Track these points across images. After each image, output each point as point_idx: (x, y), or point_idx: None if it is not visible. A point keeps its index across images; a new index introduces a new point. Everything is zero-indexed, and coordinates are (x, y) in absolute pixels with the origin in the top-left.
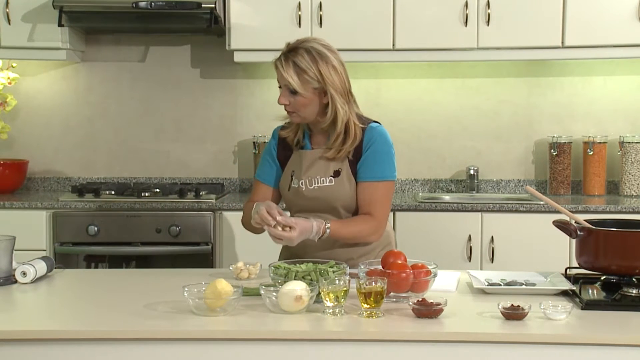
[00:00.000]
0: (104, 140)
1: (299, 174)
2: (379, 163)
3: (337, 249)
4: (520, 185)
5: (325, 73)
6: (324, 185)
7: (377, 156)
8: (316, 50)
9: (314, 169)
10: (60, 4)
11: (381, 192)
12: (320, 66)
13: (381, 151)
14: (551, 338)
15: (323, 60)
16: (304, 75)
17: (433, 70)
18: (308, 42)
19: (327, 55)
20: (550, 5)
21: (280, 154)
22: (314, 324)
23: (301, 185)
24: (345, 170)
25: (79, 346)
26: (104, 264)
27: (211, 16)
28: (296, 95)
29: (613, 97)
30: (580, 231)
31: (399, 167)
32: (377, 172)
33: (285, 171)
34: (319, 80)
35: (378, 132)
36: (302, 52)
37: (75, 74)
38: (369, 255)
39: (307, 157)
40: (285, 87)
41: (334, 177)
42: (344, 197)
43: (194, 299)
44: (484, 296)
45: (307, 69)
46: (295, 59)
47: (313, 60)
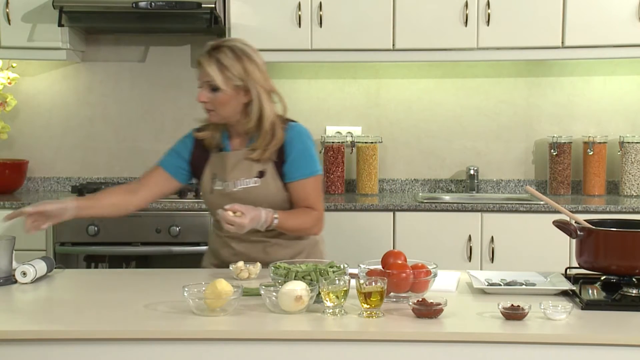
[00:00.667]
0: (104, 140)
1: (222, 176)
2: (305, 161)
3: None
4: (520, 185)
5: (249, 70)
6: (249, 186)
7: (303, 154)
8: (239, 49)
9: (238, 170)
10: (60, 4)
11: (313, 187)
12: (244, 64)
13: (305, 149)
14: (551, 338)
15: (247, 58)
16: (227, 72)
17: (433, 70)
18: (231, 41)
19: (250, 54)
20: (550, 5)
21: (195, 155)
22: (314, 324)
23: (226, 187)
24: (269, 171)
25: (79, 346)
26: (104, 264)
27: (211, 16)
28: (217, 92)
29: (613, 97)
30: (580, 231)
31: (399, 167)
32: (306, 169)
33: (204, 174)
34: (242, 77)
35: (298, 130)
36: (226, 49)
37: (75, 74)
38: (300, 255)
39: (230, 158)
40: (207, 84)
41: (258, 178)
42: (269, 197)
43: (194, 299)
44: (484, 296)
45: (230, 66)
46: (219, 55)
47: (237, 57)
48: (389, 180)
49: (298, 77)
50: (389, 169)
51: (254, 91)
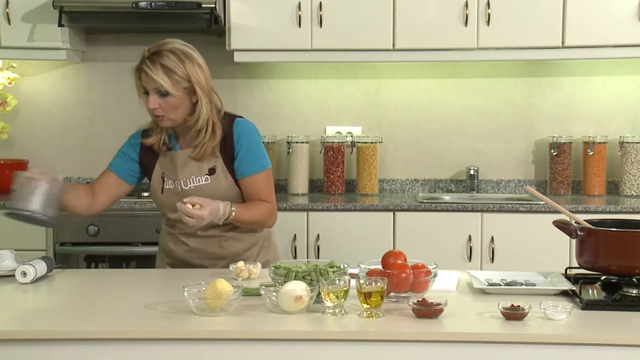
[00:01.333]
0: (104, 140)
1: (172, 175)
2: (255, 156)
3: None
4: (520, 185)
5: (191, 72)
6: (200, 184)
7: (252, 150)
8: (180, 50)
9: (188, 169)
10: (60, 4)
11: (265, 181)
12: (187, 65)
13: (254, 144)
14: (551, 338)
15: (189, 59)
16: (174, 75)
17: (433, 70)
18: (170, 44)
19: (191, 55)
20: (550, 5)
21: (143, 157)
22: (314, 324)
23: (177, 185)
24: (219, 167)
25: (79, 346)
26: (104, 264)
27: (211, 16)
28: (166, 97)
29: (613, 97)
30: (580, 231)
31: (399, 167)
32: (256, 164)
33: (154, 174)
34: (188, 79)
35: (245, 126)
36: (167, 53)
37: (76, 74)
38: (254, 248)
39: (179, 157)
40: (154, 91)
41: (209, 175)
42: (221, 193)
43: (194, 299)
44: (484, 296)
45: (175, 69)
46: (162, 60)
47: (180, 60)
48: (389, 180)
49: (298, 77)
50: (389, 169)
51: (198, 91)
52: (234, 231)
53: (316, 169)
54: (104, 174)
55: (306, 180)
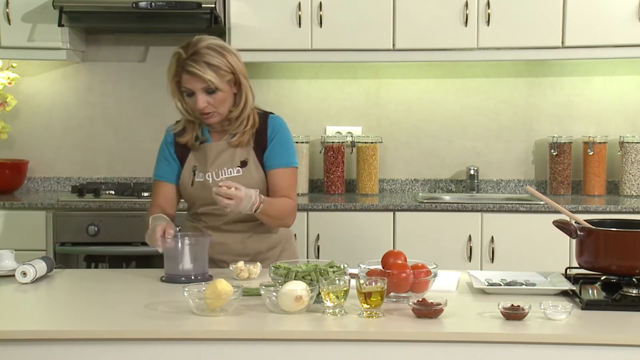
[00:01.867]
0: (104, 140)
1: (203, 168)
2: (285, 151)
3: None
4: (520, 185)
5: (233, 63)
6: (231, 176)
7: (283, 144)
8: (217, 45)
9: (220, 161)
10: (60, 4)
11: (290, 178)
12: (228, 58)
13: (285, 139)
14: (551, 338)
15: (226, 51)
16: (220, 70)
17: (433, 70)
18: (203, 41)
19: (226, 46)
20: (550, 5)
21: (178, 151)
22: (314, 324)
23: (207, 177)
24: (252, 160)
25: (79, 346)
26: (104, 264)
27: (211, 16)
28: (214, 93)
29: (613, 97)
30: (580, 231)
31: (399, 167)
32: (284, 159)
33: (185, 167)
34: (232, 71)
35: (281, 121)
36: (206, 50)
37: (76, 74)
38: (276, 249)
39: (211, 149)
40: (202, 90)
41: (241, 167)
42: (252, 186)
43: (194, 299)
44: (484, 296)
45: (219, 64)
46: (205, 58)
47: (220, 54)
48: (389, 180)
49: (298, 77)
50: (389, 169)
51: (243, 81)
52: (259, 229)
53: (316, 169)
54: (159, 187)
55: (306, 180)
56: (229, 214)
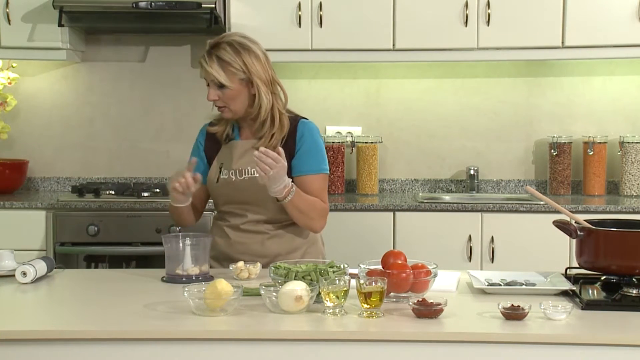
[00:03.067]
0: (104, 140)
1: (228, 165)
2: (316, 156)
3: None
4: (520, 185)
5: (248, 63)
6: (254, 175)
7: (313, 150)
8: (238, 43)
9: (244, 160)
10: (60, 4)
11: (321, 184)
12: (243, 57)
13: (316, 145)
14: (551, 338)
15: (245, 51)
16: (229, 67)
17: (433, 70)
18: (229, 37)
19: (249, 46)
20: (550, 5)
21: (207, 148)
22: (314, 324)
23: (231, 175)
24: None
25: (79, 346)
26: (104, 264)
27: (211, 16)
28: (224, 89)
29: (613, 97)
30: (580, 231)
31: (399, 167)
32: (315, 165)
33: (213, 164)
34: (244, 70)
35: (311, 126)
36: (224, 45)
37: (76, 74)
38: (296, 253)
39: (237, 147)
40: (212, 83)
41: None
42: None
43: (194, 299)
44: (484, 296)
45: (231, 61)
46: (218, 53)
47: (236, 52)
48: (389, 180)
49: (298, 77)
50: (389, 169)
51: (257, 82)
52: (279, 231)
53: None
54: None
55: None
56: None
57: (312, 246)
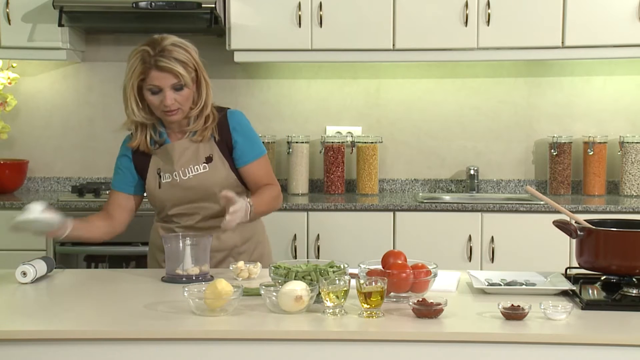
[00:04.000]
0: (104, 140)
1: (169, 168)
2: (253, 143)
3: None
4: (520, 185)
5: (196, 59)
6: (198, 172)
7: (249, 138)
8: (181, 42)
9: (185, 159)
10: (60, 4)
11: (266, 166)
12: (192, 54)
13: (250, 132)
14: (551, 338)
15: (190, 48)
16: (187, 67)
17: (433, 70)
18: (167, 39)
19: (188, 44)
20: (550, 5)
21: (137, 161)
22: (314, 324)
23: (175, 177)
24: (216, 154)
25: (79, 346)
26: (104, 264)
27: (211, 16)
28: (181, 90)
29: (613, 97)
30: (581, 231)
31: (399, 167)
32: (255, 151)
33: (149, 172)
34: (196, 68)
35: (239, 115)
36: (172, 47)
37: (76, 74)
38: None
39: (174, 148)
40: (170, 87)
41: (207, 163)
42: (220, 181)
43: (194, 299)
44: (484, 296)
45: (187, 61)
46: (173, 55)
47: (186, 50)
48: (389, 180)
49: (298, 77)
50: (389, 169)
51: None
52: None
53: (316, 169)
54: (111, 196)
55: (306, 180)
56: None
57: (262, 233)
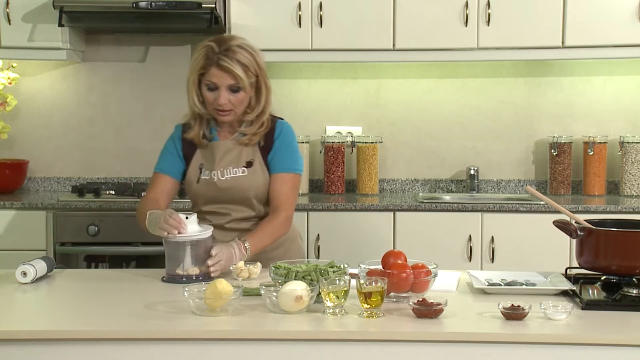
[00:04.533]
0: (104, 140)
1: (210, 166)
2: (289, 156)
3: None
4: (520, 185)
5: (260, 65)
6: (237, 175)
7: (288, 149)
8: (247, 45)
9: (226, 160)
10: (60, 4)
11: (290, 185)
12: (256, 58)
13: (291, 145)
14: (551, 338)
15: (256, 53)
16: (248, 71)
17: (433, 70)
18: (235, 40)
19: (256, 49)
20: (550, 5)
21: (185, 149)
22: (314, 324)
23: (213, 176)
24: (258, 160)
25: (79, 346)
26: (104, 264)
27: (211, 16)
28: (237, 92)
29: (613, 97)
30: (581, 231)
31: (399, 167)
32: (288, 164)
33: (191, 165)
34: (257, 73)
35: (288, 127)
36: (238, 49)
37: (76, 74)
38: (280, 249)
39: (219, 148)
40: (227, 87)
41: (246, 168)
42: (256, 187)
43: (194, 299)
44: (484, 296)
45: (249, 65)
46: (237, 56)
47: (250, 55)
48: (389, 180)
49: (298, 77)
50: (389, 169)
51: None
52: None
53: (316, 169)
54: (158, 180)
55: (306, 180)
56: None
57: (293, 241)
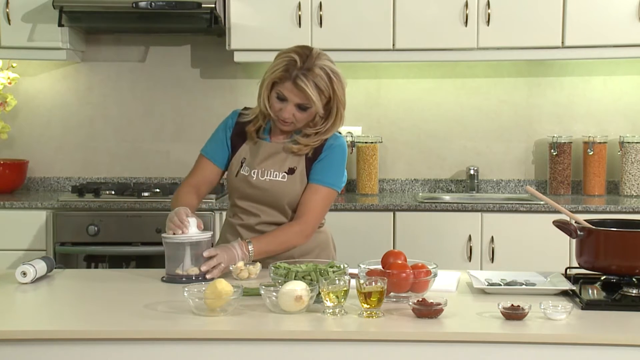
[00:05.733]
0: (104, 140)
1: (252, 163)
2: (332, 171)
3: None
4: (520, 185)
5: (337, 89)
6: (276, 179)
7: (333, 164)
8: (330, 69)
9: (270, 162)
10: (60, 4)
11: (322, 197)
12: (334, 85)
13: (337, 161)
14: (551, 338)
15: (336, 78)
16: (322, 95)
17: (433, 70)
18: (321, 59)
19: (338, 74)
20: (550, 5)
21: (234, 135)
22: (314, 324)
23: (252, 174)
24: (300, 169)
25: (79, 346)
26: (104, 264)
27: (211, 16)
28: (304, 111)
29: (613, 97)
30: (580, 231)
31: (399, 167)
32: (327, 178)
33: (235, 156)
34: (330, 97)
35: (341, 141)
36: (319, 71)
37: (76, 74)
38: (309, 255)
39: (265, 148)
40: (295, 103)
41: (287, 174)
42: (292, 195)
43: (194, 299)
44: (484, 296)
45: (324, 89)
46: (315, 79)
47: (330, 79)
48: (389, 180)
49: None
50: (389, 169)
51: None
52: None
53: None
54: (201, 165)
55: None
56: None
57: (325, 249)
